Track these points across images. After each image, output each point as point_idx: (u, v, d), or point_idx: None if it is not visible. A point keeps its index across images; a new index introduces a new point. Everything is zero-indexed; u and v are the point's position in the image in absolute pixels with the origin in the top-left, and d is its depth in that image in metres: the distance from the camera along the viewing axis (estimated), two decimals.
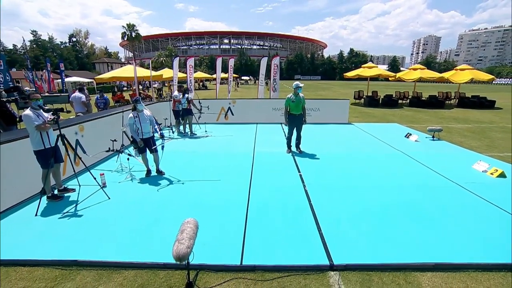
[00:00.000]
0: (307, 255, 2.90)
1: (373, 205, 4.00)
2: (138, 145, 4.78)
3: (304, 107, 6.45)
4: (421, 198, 4.24)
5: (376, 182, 4.87)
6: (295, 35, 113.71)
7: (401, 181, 4.93)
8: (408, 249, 2.99)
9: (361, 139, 8.19)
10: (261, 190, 4.51)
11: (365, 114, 13.61)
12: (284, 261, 2.80)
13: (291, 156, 6.42)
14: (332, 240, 3.14)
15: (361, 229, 3.37)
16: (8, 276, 2.68)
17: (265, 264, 2.74)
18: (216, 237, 3.21)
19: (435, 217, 3.66)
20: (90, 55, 69.30)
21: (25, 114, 3.58)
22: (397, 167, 5.66)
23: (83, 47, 68.86)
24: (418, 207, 3.93)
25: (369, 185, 4.71)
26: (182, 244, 2.01)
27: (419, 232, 3.31)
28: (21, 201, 4.01)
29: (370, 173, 5.30)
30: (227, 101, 10.82)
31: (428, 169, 5.50)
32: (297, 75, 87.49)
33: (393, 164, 5.85)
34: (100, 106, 8.98)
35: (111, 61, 64.30)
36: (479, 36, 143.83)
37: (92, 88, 28.35)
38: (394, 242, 3.10)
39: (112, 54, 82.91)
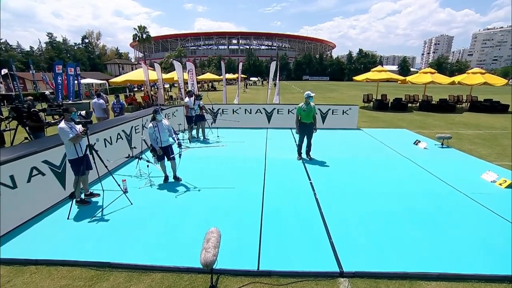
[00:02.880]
0: (319, 262, 3.12)
1: (381, 212, 4.19)
2: (157, 153, 5.09)
3: (315, 116, 6.65)
4: (427, 206, 4.41)
5: (384, 189, 5.05)
6: (303, 35, 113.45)
7: (409, 189, 5.09)
8: (414, 257, 3.18)
9: (370, 145, 8.33)
10: (274, 198, 4.75)
11: (374, 119, 13.69)
12: (297, 267, 3.03)
13: (301, 163, 6.64)
14: (342, 247, 3.36)
15: (369, 236, 3.58)
16: (51, 274, 3.01)
17: (280, 270, 2.99)
18: (234, 242, 3.46)
19: (441, 226, 3.83)
20: (101, 56, 70.89)
21: (60, 127, 3.92)
22: (405, 175, 5.81)
23: (95, 48, 70.48)
24: (424, 216, 4.10)
25: (377, 193, 4.90)
26: (208, 252, 2.27)
27: (424, 240, 3.50)
28: (51, 205, 4.37)
29: (378, 181, 5.48)
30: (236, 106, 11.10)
31: (436, 178, 5.63)
32: (305, 75, 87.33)
33: (401, 172, 6.01)
34: (116, 111, 9.38)
35: (122, 62, 65.68)
36: (494, 35, 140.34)
37: (104, 89, 29.16)
38: (400, 250, 3.30)
39: (122, 54, 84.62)
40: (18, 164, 3.83)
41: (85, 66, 56.18)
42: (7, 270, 3.09)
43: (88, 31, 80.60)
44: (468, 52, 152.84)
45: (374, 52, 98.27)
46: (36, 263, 3.17)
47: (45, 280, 2.91)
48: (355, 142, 8.69)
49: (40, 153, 4.14)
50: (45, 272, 3.05)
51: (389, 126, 11.56)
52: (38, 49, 57.71)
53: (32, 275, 3.00)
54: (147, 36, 50.32)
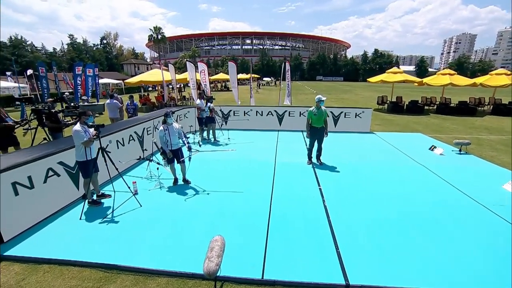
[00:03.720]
0: (324, 273, 3.06)
1: (391, 222, 4.07)
2: (167, 156, 5.17)
3: (326, 120, 6.55)
4: (442, 218, 4.23)
5: (396, 198, 4.90)
6: (317, 35, 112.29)
7: (422, 198, 4.91)
8: (425, 272, 3.06)
9: (382, 150, 8.12)
10: (282, 203, 4.71)
11: (388, 122, 13.33)
12: (302, 277, 2.98)
13: (311, 167, 6.56)
14: (349, 258, 3.28)
15: (377, 248, 3.47)
16: (62, 274, 3.11)
17: (284, 280, 2.95)
18: (240, 249, 3.46)
19: (456, 239, 3.67)
20: (118, 56, 72.97)
21: (76, 129, 4.06)
22: (418, 183, 5.61)
23: (113, 49, 72.62)
24: (439, 228, 3.94)
25: (388, 201, 4.76)
26: (211, 262, 2.28)
27: (437, 254, 3.36)
28: (65, 205, 4.53)
29: (389, 188, 5.32)
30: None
31: (452, 187, 5.41)
32: (319, 76, 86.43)
33: (415, 180, 5.80)
34: (130, 111, 9.63)
35: (138, 62, 67.36)
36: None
37: (120, 89, 30.00)
38: (410, 264, 3.18)
39: (138, 54, 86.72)
40: (35, 165, 4.00)
41: (103, 66, 58.05)
42: (23, 268, 3.23)
43: (106, 32, 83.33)
44: (492, 51, 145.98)
45: (390, 52, 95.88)
46: (49, 262, 3.29)
47: (56, 280, 3.02)
48: (367, 147, 8.49)
49: (56, 154, 4.31)
50: (57, 271, 3.16)
51: (403, 130, 11.22)
52: (60, 50, 60.21)
53: (45, 274, 3.12)
54: (162, 37, 51.34)
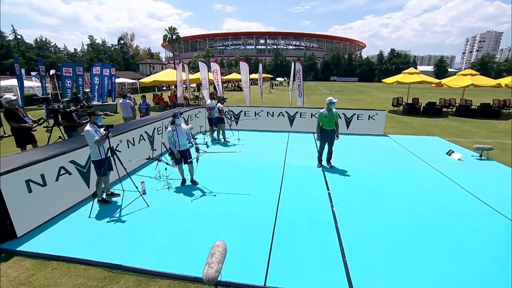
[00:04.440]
0: (329, 282, 2.96)
1: (402, 231, 3.89)
2: (175, 157, 5.20)
3: (337, 122, 6.39)
4: (459, 229, 4.00)
5: (409, 206, 4.69)
6: (332, 35, 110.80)
7: (438, 206, 4.67)
8: (434, 286, 2.89)
9: (396, 154, 7.83)
10: (289, 207, 4.63)
11: (403, 124, 12.89)
12: (306, 286, 2.90)
13: (321, 170, 6.42)
14: (355, 268, 3.16)
15: (386, 258, 3.33)
16: (69, 272, 3.18)
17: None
18: (243, 253, 3.41)
19: (474, 253, 3.45)
20: (135, 56, 74.86)
21: (87, 130, 4.15)
22: (434, 190, 5.35)
23: (129, 49, 74.58)
24: (454, 239, 3.73)
25: (400, 209, 4.56)
26: (211, 268, 2.24)
27: (450, 269, 3.17)
28: (76, 203, 4.65)
29: (402, 194, 5.11)
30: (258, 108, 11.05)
31: (471, 195, 5.13)
32: (333, 76, 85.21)
33: (430, 186, 5.54)
34: (142, 111, 9.82)
35: (153, 62, 68.81)
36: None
37: (135, 88, 30.70)
38: (420, 277, 3.02)
39: (154, 54, 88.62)
40: (48, 164, 4.12)
41: (119, 66, 59.75)
42: (33, 264, 3.33)
43: (124, 32, 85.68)
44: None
45: (407, 52, 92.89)
46: (57, 259, 3.37)
47: (63, 277, 3.08)
48: (380, 150, 8.23)
49: (68, 153, 4.42)
50: (65, 268, 3.23)
51: (419, 133, 10.80)
52: (80, 51, 62.49)
53: (53, 271, 3.19)
54: (177, 37, 52.12)
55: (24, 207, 3.79)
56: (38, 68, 11.53)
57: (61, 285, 2.96)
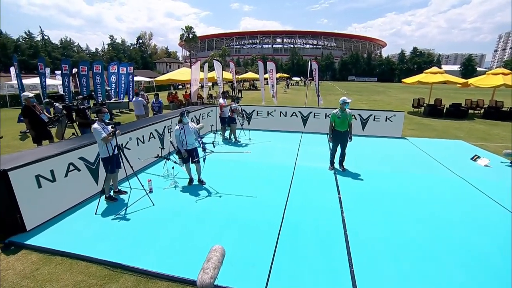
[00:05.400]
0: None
1: (418, 243, 3.63)
2: (183, 156, 5.19)
3: (351, 124, 6.15)
4: (484, 244, 3.66)
5: (426, 214, 4.40)
6: (351, 34, 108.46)
7: (459, 216, 4.35)
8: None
9: (414, 158, 7.44)
10: (296, 211, 4.48)
11: (423, 126, 12.28)
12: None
13: (333, 173, 6.21)
14: (363, 280, 2.97)
15: (397, 271, 3.11)
16: (71, 268, 3.22)
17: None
18: (245, 258, 3.31)
19: (500, 271, 3.15)
20: (152, 55, 76.86)
21: (94, 127, 4.22)
22: (456, 199, 5.00)
23: (147, 48, 76.67)
24: (476, 255, 3.43)
25: (416, 218, 4.28)
26: (206, 274, 2.15)
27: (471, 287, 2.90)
28: (84, 199, 4.74)
29: (419, 202, 4.81)
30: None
31: (498, 206, 4.74)
32: (351, 76, 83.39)
33: (451, 194, 5.19)
34: (155, 109, 9.97)
35: (170, 60, 70.28)
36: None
37: (151, 86, 31.45)
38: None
39: (171, 53, 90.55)
40: (58, 160, 4.22)
41: (138, 65, 61.56)
42: (39, 258, 3.40)
43: (142, 32, 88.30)
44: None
45: (431, 51, 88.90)
46: (62, 254, 3.43)
47: (65, 273, 3.12)
48: (397, 153, 7.85)
49: (77, 150, 4.52)
50: (68, 264, 3.27)
51: (441, 136, 10.22)
52: (101, 50, 65.00)
53: (56, 266, 3.24)
54: (194, 36, 52.91)
55: (34, 202, 3.89)
56: (61, 67, 12.01)
57: (62, 281, 3.00)
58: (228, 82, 31.14)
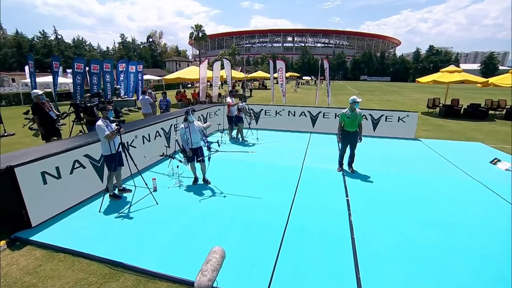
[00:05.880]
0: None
1: (429, 249, 3.49)
2: (187, 154, 5.19)
3: (361, 124, 6.01)
4: (499, 252, 3.50)
5: (439, 219, 4.23)
6: (363, 32, 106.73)
7: (476, 223, 4.16)
8: None
9: (428, 160, 7.20)
10: (302, 213, 4.40)
11: (438, 128, 11.90)
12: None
13: (341, 175, 6.08)
14: (370, 286, 2.86)
15: (406, 279, 2.98)
16: (73, 265, 3.25)
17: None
18: (247, 260, 3.26)
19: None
20: (162, 54, 77.94)
21: (98, 124, 4.27)
22: (472, 204, 4.79)
23: (157, 47, 77.81)
24: (492, 264, 3.26)
25: (428, 224, 4.12)
26: (204, 276, 2.12)
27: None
28: (89, 196, 4.80)
29: (432, 206, 4.63)
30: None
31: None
32: (363, 75, 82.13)
33: (467, 199, 4.98)
34: (162, 107, 10.06)
35: (180, 59, 71.06)
36: None
37: (160, 85, 31.84)
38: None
39: (181, 52, 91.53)
40: (63, 157, 4.28)
41: (147, 63, 62.56)
42: (42, 254, 3.45)
43: (152, 31, 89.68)
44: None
45: (449, 49, 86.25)
46: (65, 251, 3.47)
47: (67, 270, 3.15)
48: (410, 155, 7.62)
49: (82, 147, 4.58)
50: (70, 261, 3.31)
51: (457, 138, 9.87)
52: (112, 49, 66.44)
53: (59, 263, 3.29)
54: (203, 35, 53.38)
55: (39, 198, 3.96)
56: (73, 65, 12.32)
57: (63, 278, 3.03)
58: (239, 81, 31.24)
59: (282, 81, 14.68)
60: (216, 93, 17.57)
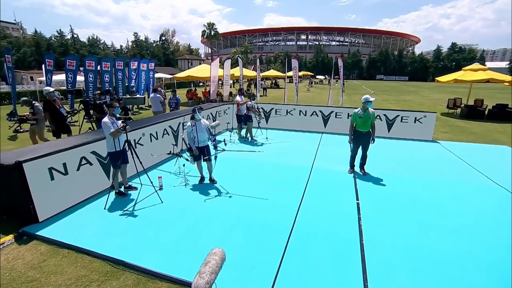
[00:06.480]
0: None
1: (445, 260, 3.31)
2: (193, 153, 5.19)
3: (374, 124, 5.83)
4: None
5: (457, 227, 4.02)
6: (380, 29, 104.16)
7: (499, 232, 3.92)
8: None
9: (446, 164, 6.90)
10: (309, 216, 4.30)
11: (459, 129, 11.42)
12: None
13: (352, 177, 5.92)
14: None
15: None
16: (76, 261, 3.30)
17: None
18: (249, 264, 3.21)
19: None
20: (175, 52, 79.11)
21: (104, 121, 4.34)
22: (495, 213, 4.52)
23: (170, 45, 79.04)
24: None
25: (446, 234, 3.91)
26: (202, 278, 2.07)
27: None
28: (96, 193, 4.89)
29: (449, 215, 4.41)
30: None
31: None
32: (380, 74, 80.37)
33: (491, 206, 4.71)
34: (172, 105, 10.17)
35: (192, 57, 71.86)
36: None
37: (172, 83, 32.28)
38: None
39: (193, 50, 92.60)
40: (70, 153, 4.38)
41: (160, 62, 63.63)
42: (48, 249, 3.53)
43: (165, 29, 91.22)
44: None
45: (473, 46, 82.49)
46: (69, 247, 3.54)
47: (70, 266, 3.21)
48: (426, 158, 7.33)
49: (89, 144, 4.67)
50: (73, 258, 3.36)
51: (480, 141, 9.42)
52: (126, 47, 68.07)
53: (62, 259, 3.35)
54: (215, 33, 53.80)
55: (46, 194, 4.06)
56: (85, 63, 12.69)
57: (66, 274, 3.08)
58: (251, 80, 31.18)
59: (296, 80, 14.60)
60: (227, 92, 17.65)
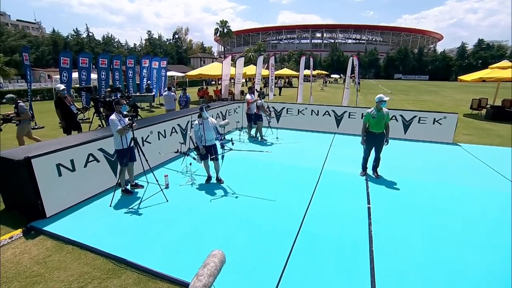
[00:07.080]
0: None
1: (463, 272, 3.14)
2: (200, 152, 5.20)
3: (388, 125, 5.65)
4: None
5: (477, 237, 3.82)
6: (400, 26, 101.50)
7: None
8: None
9: (468, 168, 6.59)
10: (317, 219, 4.21)
11: (483, 132, 10.91)
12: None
13: (364, 180, 5.77)
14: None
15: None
16: (80, 258, 3.36)
17: None
18: (252, 268, 3.16)
19: None
20: (188, 50, 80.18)
21: (111, 118, 4.41)
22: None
23: (183, 43, 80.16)
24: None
25: (464, 240, 3.73)
26: (199, 281, 2.04)
27: None
28: (102, 190, 4.98)
29: (468, 223, 4.19)
30: None
31: None
32: (398, 74, 78.31)
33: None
34: (181, 104, 10.28)
35: (204, 56, 72.65)
36: None
37: (184, 81, 32.72)
38: None
39: (206, 48, 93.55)
40: (78, 150, 4.48)
41: (173, 60, 64.65)
42: (53, 245, 3.62)
43: (178, 27, 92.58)
44: None
45: (503, 43, 77.60)
46: (74, 243, 3.61)
47: (73, 263, 3.27)
48: (446, 162, 7.03)
49: (96, 141, 4.76)
50: (77, 254, 3.43)
51: (507, 144, 8.93)
52: (139, 45, 69.62)
53: (66, 255, 3.42)
54: (228, 31, 54.06)
55: (54, 190, 4.17)
56: (98, 61, 13.08)
57: (69, 270, 3.14)
58: (263, 78, 31.11)
59: (311, 78, 14.46)
60: (238, 91, 17.67)
